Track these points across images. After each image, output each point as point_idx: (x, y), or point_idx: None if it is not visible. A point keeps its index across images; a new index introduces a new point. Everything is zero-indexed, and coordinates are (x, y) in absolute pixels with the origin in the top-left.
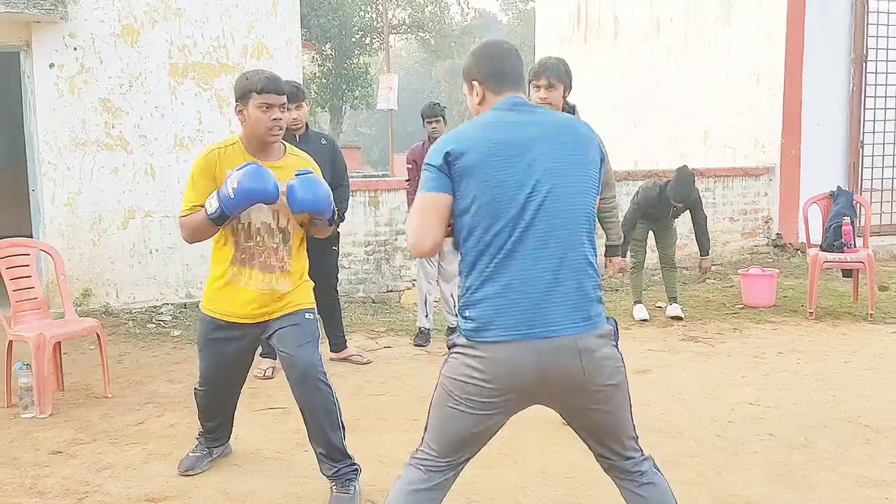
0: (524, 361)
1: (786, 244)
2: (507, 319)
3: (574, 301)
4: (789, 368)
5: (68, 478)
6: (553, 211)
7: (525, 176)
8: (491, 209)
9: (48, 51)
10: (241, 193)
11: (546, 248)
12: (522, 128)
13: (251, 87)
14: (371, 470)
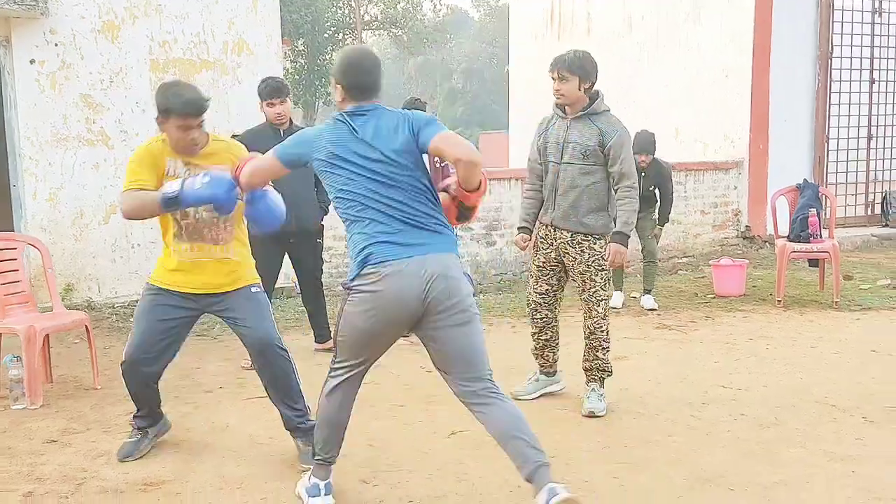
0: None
1: (754, 236)
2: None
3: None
4: (759, 353)
5: (65, 465)
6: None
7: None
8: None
9: (29, 46)
10: (196, 198)
11: None
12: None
13: (171, 107)
14: (363, 453)
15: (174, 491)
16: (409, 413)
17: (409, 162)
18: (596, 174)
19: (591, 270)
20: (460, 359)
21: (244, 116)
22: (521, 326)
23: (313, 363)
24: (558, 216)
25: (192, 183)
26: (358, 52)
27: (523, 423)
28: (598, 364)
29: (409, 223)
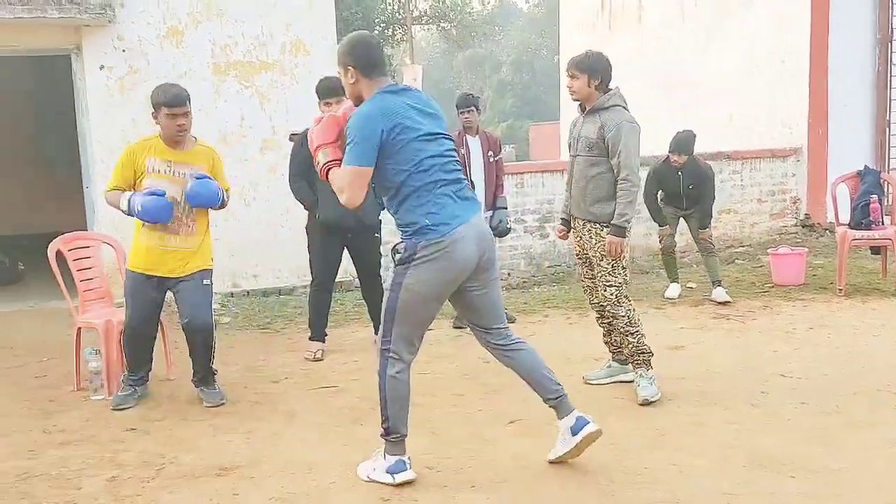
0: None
1: (814, 224)
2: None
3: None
4: (820, 342)
5: (145, 451)
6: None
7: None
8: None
9: (98, 53)
10: (143, 215)
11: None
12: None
13: (160, 100)
14: (425, 439)
15: (247, 476)
16: (470, 402)
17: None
18: (601, 165)
19: (598, 256)
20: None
21: (302, 115)
22: (577, 318)
23: (374, 354)
24: (573, 206)
25: (136, 202)
26: (362, 34)
27: (544, 363)
28: (632, 349)
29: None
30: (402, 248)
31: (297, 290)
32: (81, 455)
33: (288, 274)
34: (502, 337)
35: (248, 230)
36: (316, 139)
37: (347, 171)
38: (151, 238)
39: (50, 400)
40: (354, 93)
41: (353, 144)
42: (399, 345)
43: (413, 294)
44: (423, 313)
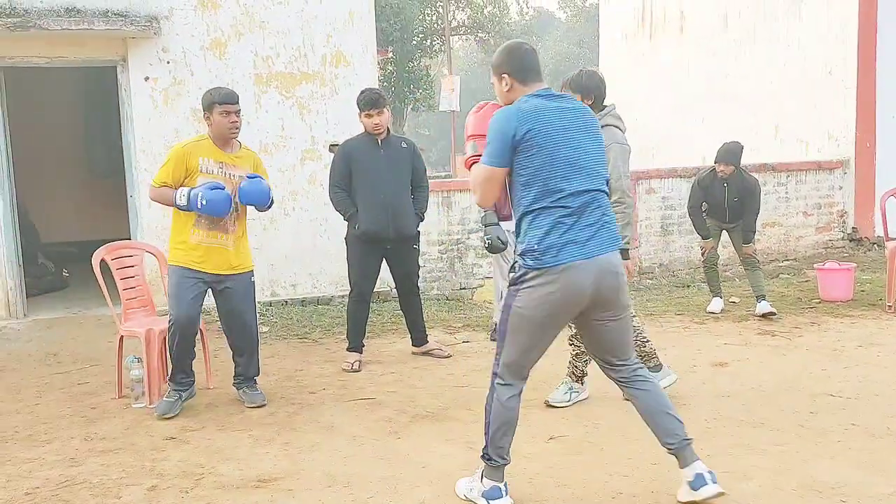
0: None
1: (862, 238)
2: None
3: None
4: (870, 361)
5: (184, 461)
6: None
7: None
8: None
9: (143, 65)
10: (206, 209)
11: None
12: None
13: (214, 98)
14: (462, 455)
15: (285, 488)
16: None
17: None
18: None
19: None
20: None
21: (342, 126)
22: None
23: (412, 366)
24: None
25: (196, 195)
26: (517, 41)
27: (669, 406)
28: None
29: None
30: (516, 266)
31: (335, 299)
32: (121, 463)
33: (326, 284)
34: (625, 373)
35: (287, 240)
36: (469, 128)
37: (479, 170)
38: (199, 235)
39: (92, 407)
40: (508, 101)
41: (488, 143)
42: (507, 368)
43: (521, 318)
44: (533, 339)
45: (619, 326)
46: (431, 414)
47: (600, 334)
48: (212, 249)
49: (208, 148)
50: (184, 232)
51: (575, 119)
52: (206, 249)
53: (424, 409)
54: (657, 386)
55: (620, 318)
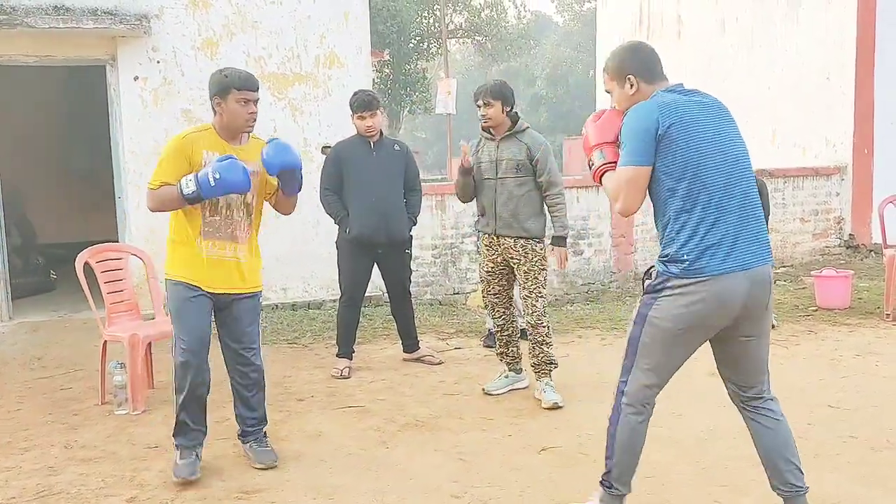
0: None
1: (859, 245)
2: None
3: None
4: (868, 371)
5: (165, 471)
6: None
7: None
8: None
9: (132, 64)
10: (222, 184)
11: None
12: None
13: (231, 83)
14: (452, 466)
15: (269, 500)
16: (499, 426)
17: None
18: (528, 184)
19: (535, 270)
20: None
21: (335, 128)
22: (612, 339)
23: (402, 373)
24: (501, 226)
25: (204, 175)
26: (634, 41)
27: (794, 450)
28: (544, 358)
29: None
30: (653, 273)
31: (326, 304)
32: (101, 473)
33: (318, 287)
34: (754, 402)
35: (277, 242)
36: (592, 137)
37: (620, 174)
38: (205, 245)
39: (74, 414)
40: (633, 104)
41: (626, 143)
42: (638, 389)
43: (659, 330)
44: (671, 355)
45: (759, 345)
46: (421, 423)
47: (738, 354)
48: (219, 263)
49: (213, 140)
50: (187, 242)
51: (719, 111)
52: (213, 263)
53: (414, 418)
54: (785, 425)
55: (763, 336)
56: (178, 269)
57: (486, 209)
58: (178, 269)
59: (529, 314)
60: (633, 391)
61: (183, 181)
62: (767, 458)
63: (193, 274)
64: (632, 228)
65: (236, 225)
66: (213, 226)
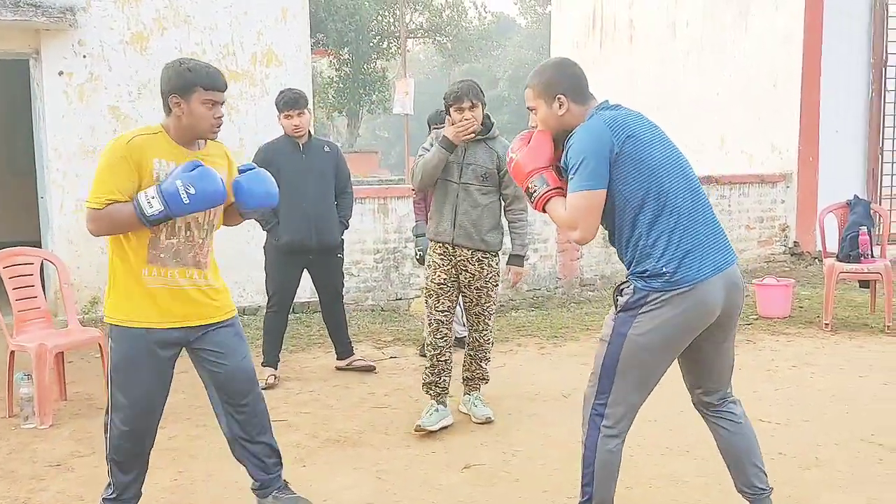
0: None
1: (803, 252)
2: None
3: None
4: (802, 383)
5: (62, 492)
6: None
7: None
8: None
9: (57, 58)
10: (198, 199)
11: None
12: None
13: (196, 80)
14: (370, 485)
15: None
16: (424, 442)
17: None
18: (492, 195)
19: (490, 287)
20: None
21: (273, 128)
22: (551, 347)
23: (332, 384)
24: (460, 235)
25: (171, 189)
26: (560, 58)
27: (758, 453)
28: (479, 374)
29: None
30: (629, 291)
31: (261, 309)
32: None
33: (253, 293)
34: (718, 405)
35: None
36: (527, 162)
37: (576, 200)
38: (158, 275)
39: None
40: (561, 125)
41: (579, 166)
42: (617, 410)
43: (639, 348)
44: (651, 372)
45: (729, 348)
46: (344, 438)
47: (708, 358)
48: (179, 294)
49: (165, 145)
50: (132, 273)
51: (650, 124)
52: (171, 295)
53: (337, 433)
54: (748, 426)
55: (732, 339)
56: (124, 309)
57: (444, 215)
58: (123, 309)
59: (478, 331)
60: (612, 415)
61: (141, 199)
62: (732, 461)
63: (143, 313)
64: None
65: (198, 247)
66: (170, 251)
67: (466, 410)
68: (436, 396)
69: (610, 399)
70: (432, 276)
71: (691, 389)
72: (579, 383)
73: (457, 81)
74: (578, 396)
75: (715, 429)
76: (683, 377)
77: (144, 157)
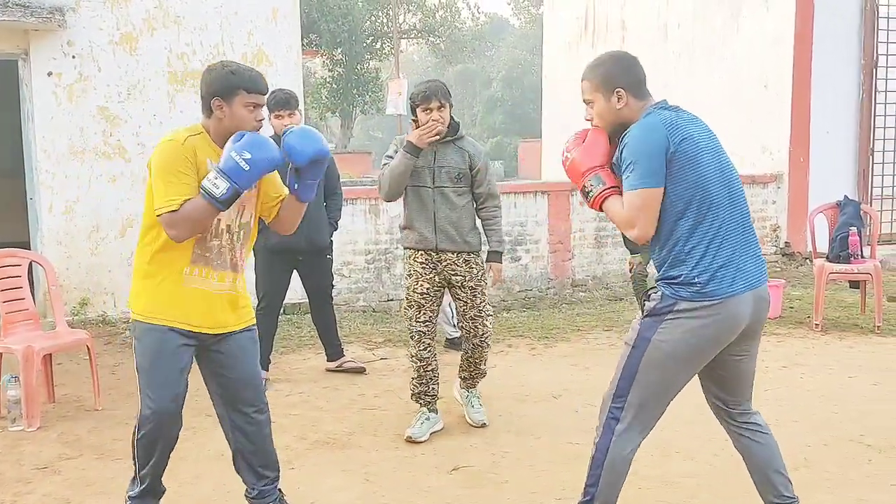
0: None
1: (794, 253)
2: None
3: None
4: (792, 383)
5: (49, 495)
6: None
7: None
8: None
9: (46, 59)
10: (257, 164)
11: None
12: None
13: (240, 83)
14: (357, 488)
15: None
16: (413, 445)
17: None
18: (466, 195)
19: (482, 286)
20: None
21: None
22: (542, 348)
23: (322, 385)
24: (443, 240)
25: (228, 165)
26: (619, 51)
27: (782, 463)
28: (479, 373)
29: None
30: (657, 296)
31: None
32: None
33: None
34: (741, 418)
35: None
36: (583, 161)
37: (634, 198)
38: (197, 275)
39: None
40: (619, 120)
41: (635, 164)
42: (633, 415)
43: (663, 354)
44: (673, 380)
45: (751, 361)
46: (333, 440)
47: (730, 371)
48: (213, 299)
49: (209, 147)
50: (172, 271)
51: (707, 128)
52: (203, 297)
53: (326, 435)
54: (772, 437)
55: (755, 351)
56: (155, 306)
57: (423, 222)
58: (154, 305)
59: (477, 336)
60: (630, 418)
61: (207, 186)
62: (759, 473)
63: (176, 312)
64: (569, 235)
65: (236, 251)
66: (213, 251)
67: (462, 402)
68: (426, 405)
69: (627, 403)
70: (414, 287)
71: (713, 401)
72: (570, 384)
73: (423, 82)
74: (568, 398)
75: (740, 440)
76: (704, 389)
77: (199, 158)
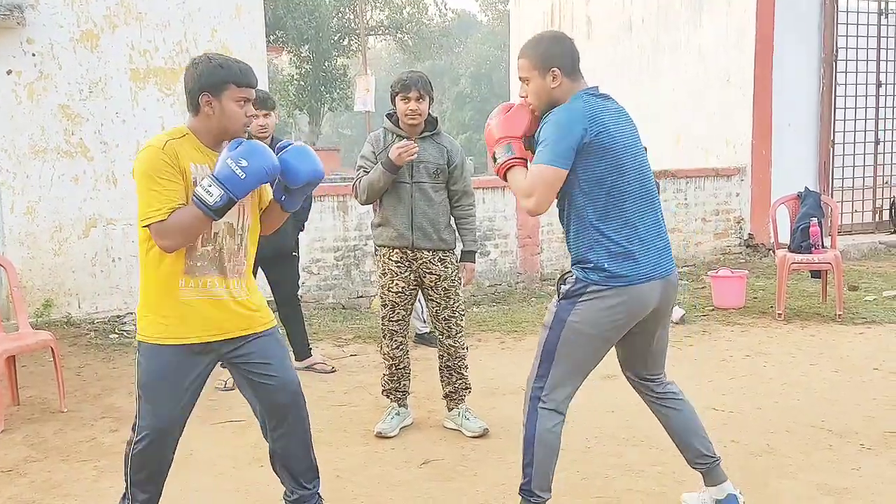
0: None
1: (758, 244)
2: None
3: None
4: (755, 372)
5: (14, 498)
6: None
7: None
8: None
9: (5, 57)
10: (254, 170)
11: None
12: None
13: (229, 77)
14: (327, 483)
15: None
16: (382, 440)
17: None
18: (443, 192)
19: (456, 285)
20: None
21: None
22: (511, 342)
23: None
24: (419, 237)
25: (224, 172)
26: (555, 31)
27: (701, 426)
28: (462, 384)
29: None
30: (571, 280)
31: None
32: None
33: None
34: (659, 389)
35: None
36: (498, 129)
37: (539, 172)
38: (194, 286)
39: None
40: (551, 99)
41: (548, 143)
42: (556, 391)
43: (578, 334)
44: (588, 357)
45: (664, 337)
46: None
47: (646, 346)
48: (216, 304)
49: (195, 149)
50: (167, 286)
51: (629, 122)
52: (208, 305)
53: None
54: (689, 405)
55: (667, 326)
56: (156, 326)
57: (399, 218)
58: (155, 326)
59: (451, 338)
60: (551, 395)
61: (199, 193)
62: (681, 439)
63: (177, 329)
64: (538, 230)
65: (234, 255)
66: (206, 259)
67: (455, 426)
68: (397, 400)
69: (548, 382)
70: (388, 285)
71: (630, 377)
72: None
73: (405, 71)
74: None
75: (661, 410)
76: (620, 364)
77: (182, 162)
